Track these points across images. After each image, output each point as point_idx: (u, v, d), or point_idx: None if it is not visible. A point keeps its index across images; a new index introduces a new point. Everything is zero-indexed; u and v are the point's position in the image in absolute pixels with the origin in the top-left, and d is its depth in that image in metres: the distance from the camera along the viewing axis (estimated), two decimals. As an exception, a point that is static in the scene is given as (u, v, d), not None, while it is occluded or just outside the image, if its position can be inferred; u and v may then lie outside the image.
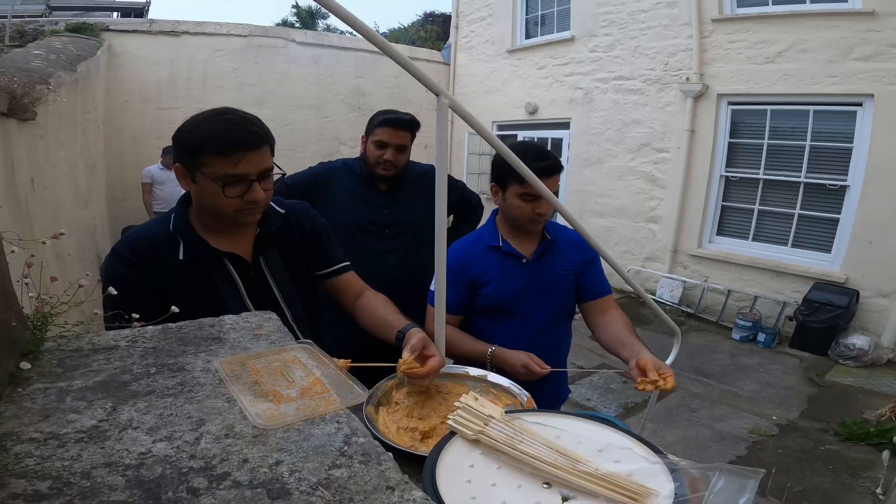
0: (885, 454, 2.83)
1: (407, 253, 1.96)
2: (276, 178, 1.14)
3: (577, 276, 1.60)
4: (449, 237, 2.06)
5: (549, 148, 6.66)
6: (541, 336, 1.55)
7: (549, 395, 1.53)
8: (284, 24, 12.13)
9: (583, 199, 6.41)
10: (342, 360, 0.96)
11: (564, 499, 0.67)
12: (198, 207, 1.14)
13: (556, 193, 1.44)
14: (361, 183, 1.95)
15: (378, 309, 1.24)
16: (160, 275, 1.08)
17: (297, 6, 12.38)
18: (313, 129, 7.43)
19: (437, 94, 1.14)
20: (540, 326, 1.55)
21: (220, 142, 1.02)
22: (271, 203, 1.21)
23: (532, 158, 1.40)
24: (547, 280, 1.54)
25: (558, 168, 1.47)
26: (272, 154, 1.11)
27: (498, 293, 1.52)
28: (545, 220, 1.52)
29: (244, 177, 1.04)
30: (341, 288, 1.33)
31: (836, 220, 4.50)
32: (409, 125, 1.92)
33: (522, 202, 1.45)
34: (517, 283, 1.52)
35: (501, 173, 1.48)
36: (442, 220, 1.19)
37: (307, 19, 12.02)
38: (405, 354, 1.04)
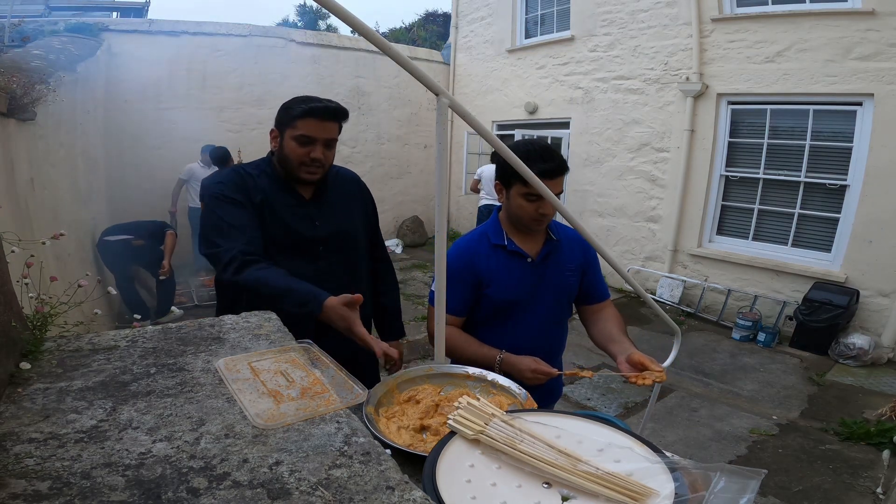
0: (886, 454, 2.83)
1: (345, 273, 1.58)
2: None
3: (581, 276, 1.59)
4: None
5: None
6: (543, 336, 1.55)
7: (547, 393, 1.54)
8: (285, 23, 12.12)
9: (583, 198, 6.42)
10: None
11: (564, 498, 0.67)
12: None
13: (560, 194, 1.43)
14: (280, 190, 1.52)
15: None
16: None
17: (304, 3, 12.39)
18: (313, 128, 7.42)
19: (436, 94, 1.14)
20: (542, 326, 1.54)
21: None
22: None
23: (536, 159, 1.37)
24: (551, 280, 1.53)
25: (563, 169, 1.44)
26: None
27: (503, 293, 1.49)
28: (548, 221, 1.50)
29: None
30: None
31: (836, 220, 4.51)
32: (338, 114, 1.49)
33: (526, 202, 1.43)
34: (523, 283, 1.50)
35: (505, 172, 1.45)
36: (442, 220, 1.19)
37: (312, 18, 12.00)
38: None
